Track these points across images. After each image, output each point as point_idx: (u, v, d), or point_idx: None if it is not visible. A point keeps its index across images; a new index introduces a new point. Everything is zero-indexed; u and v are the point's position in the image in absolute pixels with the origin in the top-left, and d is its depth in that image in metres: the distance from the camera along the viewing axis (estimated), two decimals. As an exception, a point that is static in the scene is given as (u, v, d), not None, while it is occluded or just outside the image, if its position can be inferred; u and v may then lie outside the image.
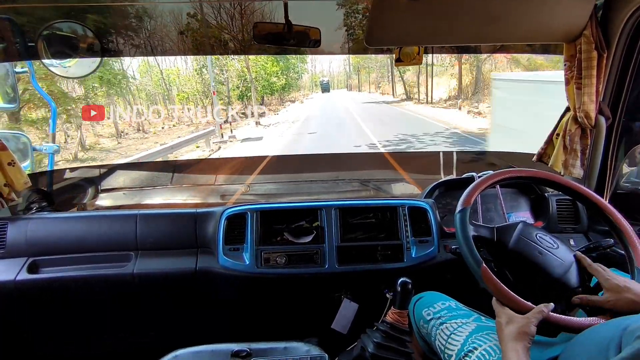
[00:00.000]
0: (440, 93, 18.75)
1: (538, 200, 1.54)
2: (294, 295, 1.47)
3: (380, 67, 27.26)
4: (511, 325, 0.79)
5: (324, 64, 31.95)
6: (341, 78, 33.60)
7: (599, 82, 1.33)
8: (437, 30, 1.28)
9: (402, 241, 1.38)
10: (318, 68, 31.34)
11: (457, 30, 1.29)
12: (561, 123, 1.46)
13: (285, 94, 22.32)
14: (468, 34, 1.31)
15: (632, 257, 0.93)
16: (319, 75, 30.85)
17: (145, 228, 1.38)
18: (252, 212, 1.38)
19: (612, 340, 0.62)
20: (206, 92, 15.80)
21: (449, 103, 17.42)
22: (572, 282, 0.91)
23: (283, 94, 21.96)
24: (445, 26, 1.26)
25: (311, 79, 29.66)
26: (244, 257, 1.33)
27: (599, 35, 1.29)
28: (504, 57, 15.54)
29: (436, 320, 1.05)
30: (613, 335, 0.63)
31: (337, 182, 1.93)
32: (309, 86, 29.20)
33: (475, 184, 1.05)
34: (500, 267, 0.98)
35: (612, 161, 1.45)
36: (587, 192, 1.06)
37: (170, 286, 1.38)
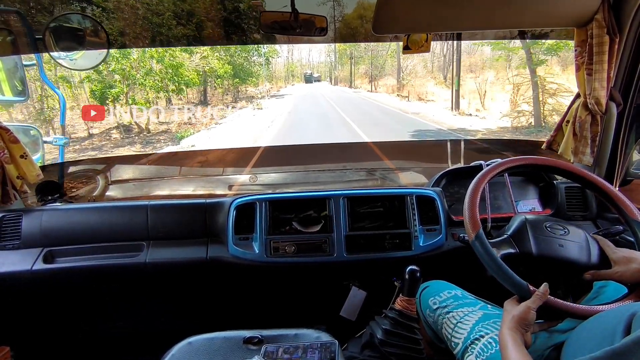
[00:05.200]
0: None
1: (546, 188, 1.53)
2: (303, 283, 1.49)
3: (375, 56, 21.01)
4: (511, 312, 0.79)
5: (302, 52, 26.16)
6: (322, 69, 27.28)
7: (610, 68, 1.31)
8: (446, 16, 1.26)
9: (410, 230, 1.39)
10: (296, 56, 25.25)
11: (466, 16, 1.27)
12: (571, 110, 1.45)
13: (242, 89, 16.07)
14: (477, 19, 1.29)
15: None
16: (296, 64, 25.70)
17: (156, 218, 1.41)
18: (261, 202, 1.39)
19: (618, 324, 0.63)
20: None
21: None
22: (593, 260, 0.90)
23: (238, 87, 15.73)
24: (454, 12, 1.24)
25: (287, 69, 24.24)
26: (253, 247, 1.35)
27: (611, 19, 1.26)
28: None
29: (442, 309, 1.07)
30: (619, 320, 0.64)
31: (344, 172, 1.93)
32: (284, 77, 23.41)
33: (483, 173, 1.04)
34: (533, 275, 0.92)
35: (623, 148, 1.43)
36: (597, 180, 1.05)
37: (182, 275, 1.41)
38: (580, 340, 0.74)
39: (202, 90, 14.06)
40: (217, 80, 14.32)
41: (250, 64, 16.42)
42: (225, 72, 14.00)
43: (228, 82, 15.12)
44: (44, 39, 1.48)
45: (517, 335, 0.74)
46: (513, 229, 0.96)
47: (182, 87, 11.90)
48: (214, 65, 13.24)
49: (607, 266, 0.89)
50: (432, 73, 18.58)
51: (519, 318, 0.76)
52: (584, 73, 1.35)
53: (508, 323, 0.77)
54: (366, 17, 15.39)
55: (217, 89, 14.87)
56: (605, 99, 1.35)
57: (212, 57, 13.05)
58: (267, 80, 19.04)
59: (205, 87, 14.09)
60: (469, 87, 14.75)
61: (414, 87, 17.99)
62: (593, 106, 1.37)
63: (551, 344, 0.85)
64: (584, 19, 1.29)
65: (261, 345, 0.96)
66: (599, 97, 1.34)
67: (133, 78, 10.26)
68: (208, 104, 13.88)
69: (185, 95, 13.24)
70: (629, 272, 0.84)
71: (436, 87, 17.17)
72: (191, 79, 12.01)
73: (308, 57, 26.93)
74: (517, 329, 0.75)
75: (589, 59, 1.32)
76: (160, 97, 11.70)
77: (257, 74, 17.14)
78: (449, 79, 16.99)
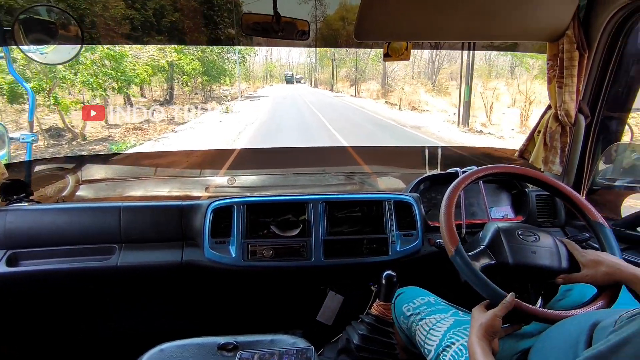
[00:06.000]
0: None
1: (519, 196, 1.58)
2: (280, 288, 1.48)
3: (357, 59, 19.59)
4: (478, 320, 0.81)
5: (282, 52, 25.25)
6: (302, 70, 26.51)
7: (579, 82, 1.37)
8: (427, 26, 1.29)
9: (388, 235, 1.40)
10: (275, 55, 24.25)
11: (446, 27, 1.30)
12: (542, 120, 1.50)
13: (215, 88, 14.47)
14: (456, 30, 1.32)
15: (606, 250, 0.97)
16: (275, 64, 24.67)
17: (130, 220, 1.37)
18: (238, 205, 1.37)
19: (581, 334, 0.65)
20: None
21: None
22: (564, 265, 0.93)
23: (210, 86, 14.09)
24: (434, 22, 1.27)
25: (266, 68, 23.08)
26: (230, 250, 1.33)
27: (580, 35, 1.32)
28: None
29: (416, 316, 1.08)
30: (582, 330, 0.66)
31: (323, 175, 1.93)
32: (262, 77, 22.13)
33: (458, 182, 1.07)
34: (510, 283, 0.94)
35: (590, 158, 1.50)
36: (565, 188, 1.10)
37: (155, 279, 1.37)
38: (545, 348, 0.76)
39: (167, 89, 12.41)
40: (184, 77, 12.42)
41: (223, 60, 14.64)
42: (193, 68, 12.22)
43: (197, 80, 13.25)
44: (13, 31, 1.41)
45: (484, 344, 0.76)
46: (488, 239, 0.99)
47: (122, 84, 9.43)
48: (175, 59, 11.33)
49: (577, 269, 0.92)
50: (420, 79, 17.54)
51: (486, 326, 0.78)
52: (555, 86, 1.41)
53: (476, 332, 0.78)
54: (348, 19, 15.01)
55: (184, 87, 12.92)
56: (575, 111, 1.41)
57: (171, 49, 11.28)
58: (243, 80, 17.35)
59: (171, 85, 12.40)
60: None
61: (406, 94, 16.46)
62: (563, 118, 1.43)
63: (519, 350, 0.87)
64: (555, 34, 1.34)
65: (236, 352, 0.94)
66: (569, 109, 1.40)
67: (55, 72, 8.00)
68: (174, 104, 12.09)
69: (150, 93, 11.83)
70: (598, 275, 0.87)
71: (428, 94, 15.98)
72: (138, 74, 9.69)
73: (288, 57, 26.00)
74: (484, 337, 0.77)
75: (560, 72, 1.38)
76: (101, 96, 9.27)
77: (231, 73, 15.29)
78: (438, 86, 16.20)
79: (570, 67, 1.35)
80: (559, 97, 1.41)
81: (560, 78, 1.38)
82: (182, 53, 11.83)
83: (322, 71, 24.44)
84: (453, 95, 14.96)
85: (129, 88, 10.12)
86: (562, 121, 1.44)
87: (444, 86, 16.45)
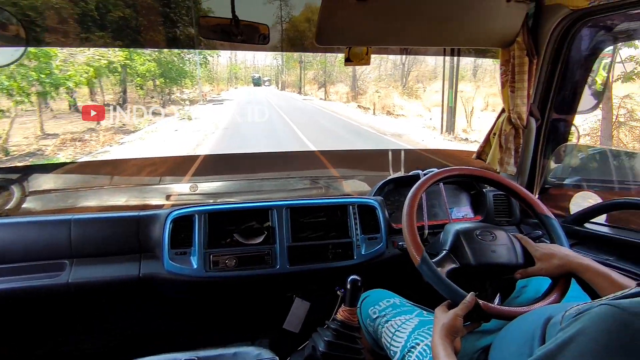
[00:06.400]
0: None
1: (477, 196, 1.64)
2: (245, 297, 1.45)
3: (325, 61, 18.37)
4: (440, 320, 0.83)
5: (247, 54, 23.62)
6: (268, 72, 25.10)
7: (529, 86, 1.44)
8: (385, 32, 1.31)
9: (352, 239, 1.40)
10: (240, 57, 22.33)
11: (403, 33, 1.33)
12: (497, 123, 1.57)
13: (172, 91, 13.01)
14: (414, 36, 1.36)
15: (555, 241, 1.03)
16: (240, 65, 23.34)
17: (81, 234, 1.28)
18: (199, 214, 1.33)
19: (536, 329, 0.68)
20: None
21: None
22: (520, 260, 0.98)
23: (170, 89, 12.71)
24: (392, 28, 1.29)
25: (230, 70, 21.53)
26: (191, 261, 1.28)
27: (529, 42, 1.39)
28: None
29: (382, 319, 1.09)
30: (537, 325, 0.68)
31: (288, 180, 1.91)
32: (227, 79, 20.63)
33: (419, 184, 1.09)
34: (473, 283, 0.99)
35: (541, 159, 1.58)
36: (515, 186, 1.15)
37: (111, 295, 1.30)
38: (504, 344, 0.78)
39: (120, 92, 10.97)
40: (137, 79, 11.04)
41: (183, 61, 13.53)
42: (148, 70, 10.95)
43: (154, 82, 11.93)
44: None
45: (447, 343, 0.78)
46: (450, 242, 1.01)
47: (49, 88, 7.80)
48: (121, 58, 9.86)
49: (532, 264, 0.97)
50: (391, 82, 16.82)
51: (448, 326, 0.80)
52: (508, 90, 1.47)
53: (439, 332, 0.80)
54: (314, 21, 14.75)
55: (138, 90, 11.47)
56: (526, 114, 1.48)
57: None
58: (207, 82, 16.04)
59: (124, 88, 10.99)
60: (433, 100, 12.87)
61: (380, 98, 15.59)
62: (516, 120, 1.49)
63: (480, 347, 0.90)
64: (507, 41, 1.40)
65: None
66: (521, 112, 1.47)
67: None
68: (126, 109, 10.62)
69: (102, 97, 10.34)
70: (551, 267, 0.92)
71: (401, 98, 15.24)
72: (70, 76, 8.13)
73: (253, 59, 24.71)
74: (447, 337, 0.79)
75: (512, 77, 1.44)
76: (28, 102, 7.50)
77: (192, 75, 14.12)
78: (408, 89, 15.56)
79: (521, 72, 1.42)
80: (511, 100, 1.47)
81: (512, 83, 1.45)
82: (135, 52, 10.85)
83: (289, 73, 23.66)
84: (424, 99, 14.58)
85: (47, 94, 8.24)
86: (515, 124, 1.50)
87: (414, 89, 15.98)
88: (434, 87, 14.57)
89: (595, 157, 1.89)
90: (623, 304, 0.47)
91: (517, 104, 1.46)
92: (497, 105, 10.40)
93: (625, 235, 1.24)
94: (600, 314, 0.48)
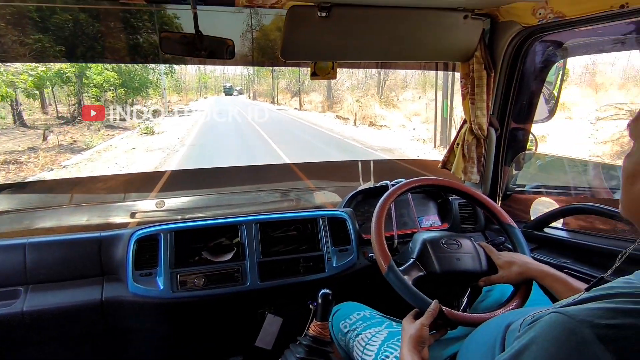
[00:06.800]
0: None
1: (444, 204, 1.68)
2: (215, 316, 1.41)
3: (295, 70, 17.31)
4: (408, 332, 0.84)
5: (216, 62, 24.17)
6: (238, 81, 24.93)
7: (488, 98, 1.50)
8: (349, 47, 1.34)
9: (323, 251, 1.40)
10: (209, 66, 22.06)
11: (367, 48, 1.36)
12: (460, 134, 1.62)
13: (135, 101, 11.81)
14: (377, 51, 1.39)
15: (518, 251, 1.08)
16: (209, 75, 23.08)
17: (38, 258, 1.21)
18: (165, 232, 1.29)
19: (497, 337, 0.70)
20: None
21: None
22: (484, 268, 1.02)
23: (133, 100, 11.51)
24: (356, 44, 1.32)
25: (199, 80, 21.08)
26: (157, 282, 1.24)
27: (487, 56, 1.45)
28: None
29: (352, 332, 1.09)
30: (498, 332, 0.70)
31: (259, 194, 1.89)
32: (195, 89, 19.88)
33: (388, 195, 1.11)
34: (440, 290, 1.02)
35: (502, 167, 1.64)
36: (479, 195, 1.20)
37: (71, 322, 1.23)
38: (469, 351, 0.80)
39: (75, 104, 9.87)
40: (93, 90, 10.03)
41: (147, 70, 12.54)
42: (105, 79, 9.88)
43: (115, 92, 10.81)
44: None
45: (415, 355, 0.79)
46: (417, 251, 1.04)
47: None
48: (65, 67, 8.66)
49: (495, 271, 1.01)
50: (368, 90, 16.05)
51: (415, 337, 0.82)
52: (468, 102, 1.53)
53: (407, 344, 0.81)
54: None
55: (95, 102, 10.23)
56: (487, 124, 1.54)
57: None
58: (174, 92, 14.73)
59: (79, 99, 9.95)
60: (410, 109, 12.26)
61: (361, 107, 14.51)
62: (477, 131, 1.55)
63: (447, 355, 0.91)
64: (466, 55, 1.46)
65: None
66: (481, 123, 1.53)
67: None
68: (79, 123, 9.29)
69: (54, 109, 9.15)
70: (512, 274, 0.97)
71: (382, 108, 14.31)
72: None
73: (223, 68, 24.21)
74: (414, 348, 0.80)
75: (472, 89, 1.50)
76: None
77: (157, 84, 13.07)
78: (385, 97, 14.81)
79: (480, 85, 1.48)
80: (472, 112, 1.53)
81: (472, 95, 1.51)
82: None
83: (260, 82, 23.25)
84: (402, 108, 13.78)
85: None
86: (476, 134, 1.56)
87: (390, 98, 15.27)
88: (406, 96, 14.45)
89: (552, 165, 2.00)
90: (570, 311, 0.48)
91: (477, 115, 1.52)
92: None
93: (580, 239, 1.31)
94: (549, 322, 0.49)
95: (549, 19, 1.24)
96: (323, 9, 1.14)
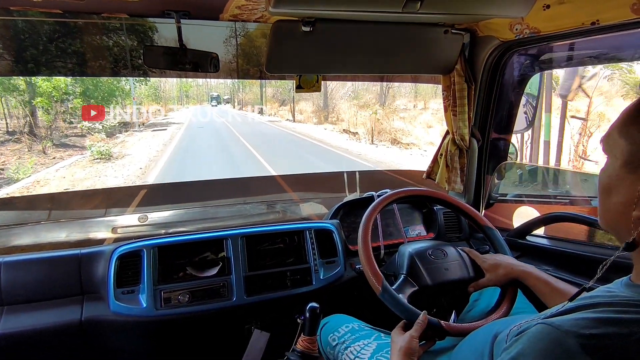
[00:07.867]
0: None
1: (429, 214, 1.70)
2: (200, 333, 1.38)
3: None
4: (397, 344, 0.85)
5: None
6: (222, 90, 23.70)
7: (470, 110, 1.54)
8: (333, 61, 1.35)
9: (310, 264, 1.39)
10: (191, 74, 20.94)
11: (350, 62, 1.38)
12: (443, 145, 1.65)
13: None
14: (361, 65, 1.41)
15: (499, 252, 1.11)
16: (191, 83, 21.70)
17: (13, 278, 1.17)
18: (148, 248, 1.26)
19: (484, 348, 0.70)
20: None
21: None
22: (471, 274, 1.04)
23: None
24: (339, 57, 1.34)
25: (180, 88, 19.68)
26: (140, 300, 1.21)
27: (467, 69, 1.49)
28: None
29: (341, 345, 1.08)
30: (485, 343, 0.71)
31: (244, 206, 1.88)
32: (175, 98, 18.20)
33: (373, 206, 1.12)
34: (433, 302, 1.04)
35: (484, 176, 1.68)
36: (460, 204, 1.22)
37: (49, 345, 1.18)
38: None
39: (27, 116, 8.26)
40: (40, 100, 8.10)
41: (117, 78, 10.40)
42: (55, 87, 7.99)
43: (68, 104, 8.77)
44: None
45: None
46: (406, 266, 1.04)
47: None
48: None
49: (482, 275, 1.02)
50: (373, 99, 13.52)
51: (405, 349, 0.82)
52: (450, 113, 1.56)
53: (397, 356, 0.81)
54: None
55: (44, 115, 8.30)
56: (468, 135, 1.57)
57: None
58: (153, 102, 12.57)
59: (32, 110, 8.28)
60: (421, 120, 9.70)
61: (378, 121, 11.41)
62: (459, 141, 1.58)
63: (436, 367, 0.91)
64: (447, 68, 1.50)
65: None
66: (463, 134, 1.56)
67: None
68: (20, 141, 7.49)
69: (4, 121, 7.63)
70: (499, 277, 0.99)
71: (401, 121, 11.49)
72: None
73: (205, 76, 23.98)
74: None
75: (454, 101, 1.54)
76: None
77: (127, 92, 10.93)
78: (388, 107, 12.51)
79: (461, 97, 1.52)
80: (454, 123, 1.56)
81: (454, 107, 1.54)
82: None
83: (246, 91, 21.92)
84: (406, 120, 11.11)
85: None
86: (459, 144, 1.59)
87: (393, 107, 12.89)
88: (410, 105, 11.97)
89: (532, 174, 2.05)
90: (555, 322, 0.49)
91: (459, 126, 1.55)
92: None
93: (562, 247, 1.34)
94: (536, 334, 0.50)
95: (525, 34, 1.28)
96: (307, 24, 1.15)
